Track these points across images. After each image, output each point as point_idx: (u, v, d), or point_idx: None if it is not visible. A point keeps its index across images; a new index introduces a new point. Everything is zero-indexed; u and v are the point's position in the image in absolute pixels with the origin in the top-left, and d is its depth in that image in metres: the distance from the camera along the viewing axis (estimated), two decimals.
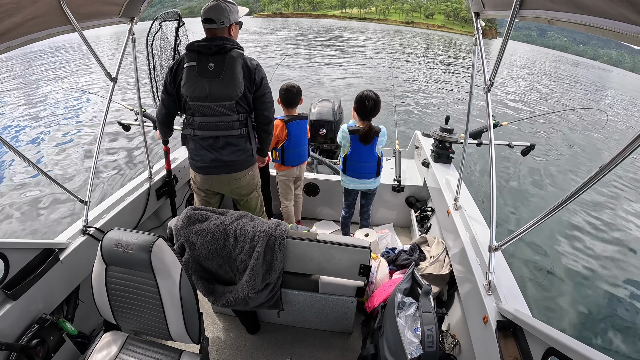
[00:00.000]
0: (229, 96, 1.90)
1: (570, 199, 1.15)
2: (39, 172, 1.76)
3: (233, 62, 1.88)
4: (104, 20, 2.00)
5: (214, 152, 2.05)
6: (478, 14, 1.93)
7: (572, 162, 7.70)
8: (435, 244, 2.42)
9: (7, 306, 1.49)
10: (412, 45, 38.24)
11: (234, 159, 2.09)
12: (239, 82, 1.89)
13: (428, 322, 1.45)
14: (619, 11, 0.95)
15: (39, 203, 5.06)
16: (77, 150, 6.91)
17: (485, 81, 1.74)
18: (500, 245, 1.52)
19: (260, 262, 1.72)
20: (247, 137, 2.10)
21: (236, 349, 2.13)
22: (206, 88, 1.88)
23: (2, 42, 1.42)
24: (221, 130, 2.01)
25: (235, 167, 2.14)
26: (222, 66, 1.86)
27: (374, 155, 2.57)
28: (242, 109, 2.00)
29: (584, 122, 11.32)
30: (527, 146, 2.90)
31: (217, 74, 1.87)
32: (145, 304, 1.41)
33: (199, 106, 1.94)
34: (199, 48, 1.88)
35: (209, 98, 1.90)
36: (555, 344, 1.04)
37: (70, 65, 16.89)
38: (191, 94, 1.89)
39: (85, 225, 1.94)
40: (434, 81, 16.21)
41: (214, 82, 1.87)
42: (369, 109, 2.40)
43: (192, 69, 1.87)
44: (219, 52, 1.88)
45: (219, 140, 2.03)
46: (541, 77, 24.02)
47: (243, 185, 2.24)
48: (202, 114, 1.96)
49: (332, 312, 2.11)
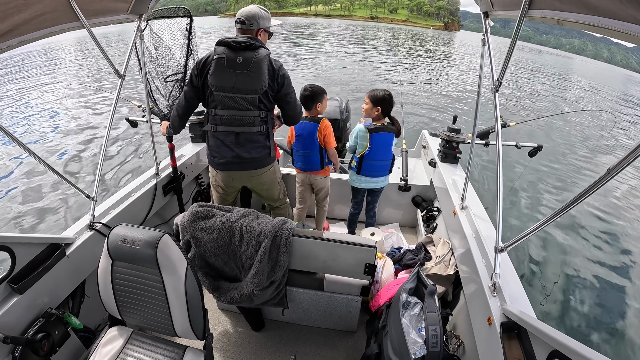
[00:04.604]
0: (254, 89, 1.96)
1: (578, 201, 1.14)
2: (46, 167, 1.77)
3: (260, 59, 1.95)
4: (113, 17, 2.01)
5: (235, 148, 2.10)
6: (487, 13, 1.91)
7: (580, 164, 7.63)
8: (441, 244, 2.41)
9: (13, 300, 1.51)
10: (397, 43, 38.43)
11: (254, 155, 2.14)
12: (264, 77, 1.96)
13: (432, 323, 1.44)
14: (629, 12, 0.93)
15: (46, 198, 5.10)
16: (84, 146, 6.95)
17: (493, 81, 1.73)
18: (506, 246, 1.50)
19: (265, 260, 1.73)
20: (266, 135, 2.15)
21: (240, 346, 2.13)
22: (232, 79, 1.95)
23: (11, 38, 1.43)
24: (242, 126, 2.06)
25: (256, 164, 2.19)
26: (250, 61, 1.93)
27: (390, 153, 2.59)
28: (264, 106, 2.06)
29: (592, 123, 11.22)
30: (535, 147, 2.87)
31: (244, 67, 1.94)
32: (151, 299, 1.42)
33: (223, 97, 2.00)
34: (229, 42, 1.97)
35: (234, 89, 1.97)
36: (559, 347, 1.03)
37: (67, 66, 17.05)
38: (217, 83, 1.97)
39: (91, 221, 1.96)
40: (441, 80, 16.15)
41: (240, 74, 1.94)
42: (387, 101, 2.48)
43: (221, 61, 1.95)
44: (247, 48, 1.96)
45: (239, 136, 2.08)
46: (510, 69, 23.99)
47: (264, 181, 2.31)
48: (225, 106, 2.02)
49: (337, 311, 2.11)
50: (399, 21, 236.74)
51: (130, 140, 7.19)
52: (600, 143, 9.39)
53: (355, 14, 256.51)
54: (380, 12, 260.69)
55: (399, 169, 3.34)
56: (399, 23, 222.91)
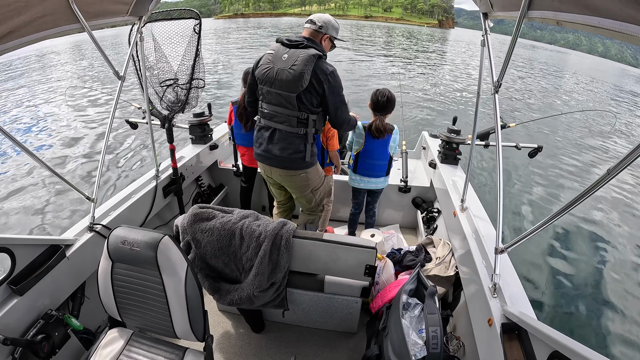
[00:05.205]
0: (290, 88, 1.93)
1: (578, 202, 1.14)
2: (46, 169, 1.77)
3: (304, 58, 1.90)
4: (113, 19, 2.01)
5: (268, 143, 2.12)
6: (486, 14, 1.91)
7: (580, 165, 7.62)
8: (441, 245, 2.41)
9: (13, 301, 1.51)
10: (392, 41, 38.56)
11: (283, 155, 2.10)
12: (305, 78, 1.89)
13: (433, 324, 1.44)
14: (628, 13, 0.93)
15: (47, 200, 5.11)
16: (84, 148, 6.96)
17: (493, 82, 1.73)
18: (506, 247, 1.50)
19: (266, 261, 1.73)
20: (304, 138, 2.08)
21: (240, 348, 2.13)
22: (274, 74, 1.96)
23: (11, 39, 1.43)
24: (279, 123, 2.06)
25: (284, 164, 2.15)
26: (295, 59, 1.91)
27: (386, 153, 2.58)
28: (304, 108, 2.00)
29: (592, 123, 11.21)
30: (535, 148, 2.87)
31: (287, 64, 1.93)
32: (151, 301, 1.42)
33: (266, 91, 2.05)
34: (282, 40, 2.02)
35: (274, 84, 1.98)
36: (560, 348, 1.02)
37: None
38: (261, 76, 2.01)
39: (92, 222, 1.95)
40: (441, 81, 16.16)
41: (281, 70, 1.94)
42: (380, 104, 2.47)
43: (270, 55, 2.01)
44: (296, 47, 1.97)
45: (275, 133, 2.10)
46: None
47: (293, 185, 2.31)
48: (268, 100, 2.06)
49: (337, 312, 2.10)
50: (393, 19, 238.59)
51: (130, 141, 7.20)
52: (600, 143, 9.38)
53: (350, 13, 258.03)
54: (374, 10, 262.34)
55: (399, 170, 3.35)
56: (393, 21, 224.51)
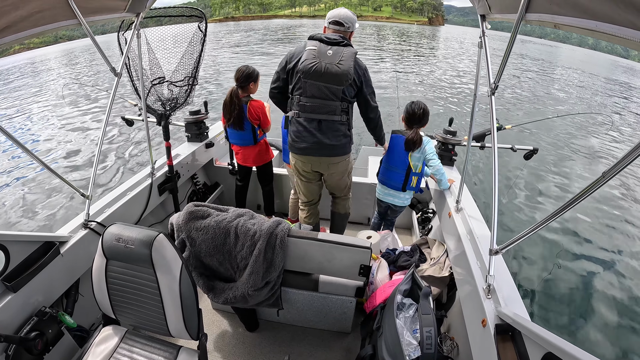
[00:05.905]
0: (340, 81, 2.06)
1: (572, 204, 1.14)
2: (41, 165, 1.76)
3: (348, 55, 2.07)
4: (110, 15, 2.00)
5: (317, 134, 2.21)
6: (484, 16, 1.92)
7: (575, 167, 7.66)
8: (436, 246, 2.42)
9: (6, 298, 1.50)
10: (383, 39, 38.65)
11: (335, 143, 2.24)
12: (350, 72, 2.06)
13: (427, 324, 1.44)
14: (626, 17, 0.94)
15: (41, 196, 5.08)
16: (79, 145, 6.92)
17: (489, 84, 1.73)
18: (501, 248, 1.51)
19: (260, 260, 1.72)
20: (347, 125, 2.27)
21: (234, 346, 2.13)
22: (322, 68, 2.05)
23: (8, 34, 1.42)
24: (324, 114, 2.17)
25: (335, 151, 2.29)
26: (339, 55, 2.07)
27: (404, 162, 2.53)
28: (345, 99, 2.16)
29: (588, 126, 11.27)
30: (530, 150, 2.88)
31: (334, 59, 2.06)
32: (145, 299, 1.42)
33: (310, 85, 2.11)
34: (321, 38, 2.13)
35: (322, 78, 2.07)
36: (553, 349, 1.03)
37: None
38: (308, 70, 2.07)
39: (86, 219, 1.95)
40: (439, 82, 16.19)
41: (330, 65, 2.05)
42: (417, 116, 2.47)
43: (313, 51, 2.08)
44: (337, 44, 2.11)
45: (322, 123, 2.19)
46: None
47: (339, 170, 2.42)
48: (310, 94, 2.13)
49: (331, 312, 2.11)
50: (383, 18, 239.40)
51: (126, 139, 7.16)
52: (596, 145, 9.44)
53: None
54: (364, 10, 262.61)
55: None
56: (383, 20, 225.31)
